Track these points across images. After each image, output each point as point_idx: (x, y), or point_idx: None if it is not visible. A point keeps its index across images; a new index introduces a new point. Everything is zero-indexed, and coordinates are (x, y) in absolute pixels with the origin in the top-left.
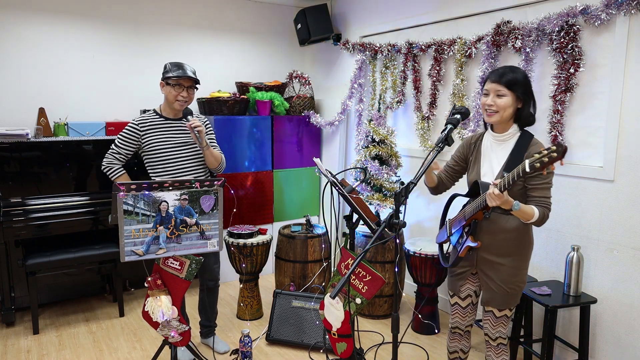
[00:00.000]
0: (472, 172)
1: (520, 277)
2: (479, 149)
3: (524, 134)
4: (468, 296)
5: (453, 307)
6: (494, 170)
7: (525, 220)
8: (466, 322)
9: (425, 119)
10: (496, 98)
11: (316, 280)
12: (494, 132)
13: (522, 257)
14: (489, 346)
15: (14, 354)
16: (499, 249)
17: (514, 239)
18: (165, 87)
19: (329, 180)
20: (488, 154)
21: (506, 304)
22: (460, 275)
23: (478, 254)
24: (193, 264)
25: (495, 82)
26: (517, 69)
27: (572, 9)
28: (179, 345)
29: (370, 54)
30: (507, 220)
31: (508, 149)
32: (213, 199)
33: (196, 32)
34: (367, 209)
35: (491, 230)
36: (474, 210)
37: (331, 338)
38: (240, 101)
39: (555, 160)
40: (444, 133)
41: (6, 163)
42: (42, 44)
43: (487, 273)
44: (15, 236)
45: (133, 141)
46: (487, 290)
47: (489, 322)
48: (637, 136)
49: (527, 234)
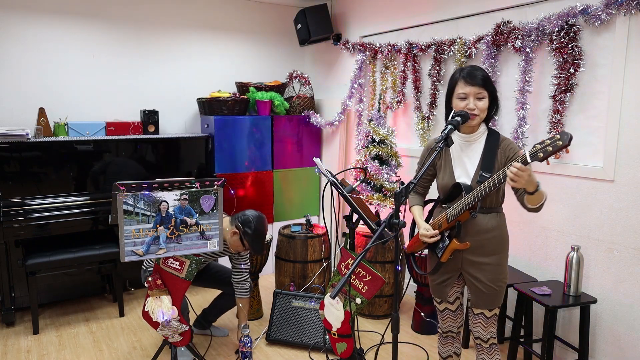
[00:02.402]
0: (444, 176)
1: (505, 273)
2: (447, 152)
3: (491, 132)
4: (456, 299)
5: (443, 312)
6: (469, 171)
7: (535, 204)
8: (457, 324)
9: (425, 119)
10: (477, 101)
11: (316, 280)
12: (461, 134)
13: (504, 254)
14: (481, 349)
15: (14, 354)
16: (483, 249)
17: (496, 237)
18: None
19: (329, 180)
20: (458, 156)
21: (495, 303)
22: (446, 282)
23: (463, 256)
24: (193, 264)
25: (475, 85)
26: (480, 67)
27: (572, 9)
28: (179, 345)
29: (370, 54)
30: (487, 219)
31: (479, 149)
32: (213, 199)
33: (196, 32)
34: (367, 209)
35: (475, 231)
36: (459, 212)
37: (331, 338)
38: (240, 101)
39: (560, 148)
40: (444, 133)
41: (6, 163)
42: (42, 44)
43: (474, 275)
44: (15, 236)
45: None
46: (475, 292)
47: (480, 324)
48: (637, 136)
49: (505, 231)
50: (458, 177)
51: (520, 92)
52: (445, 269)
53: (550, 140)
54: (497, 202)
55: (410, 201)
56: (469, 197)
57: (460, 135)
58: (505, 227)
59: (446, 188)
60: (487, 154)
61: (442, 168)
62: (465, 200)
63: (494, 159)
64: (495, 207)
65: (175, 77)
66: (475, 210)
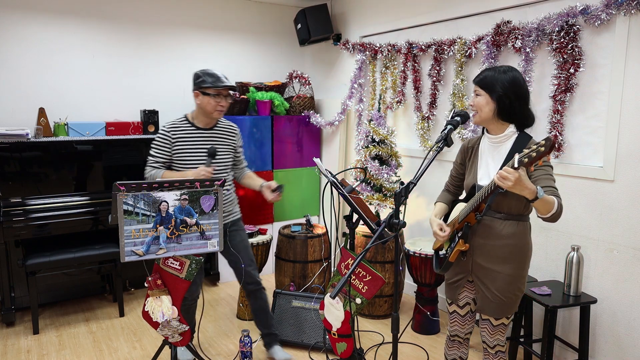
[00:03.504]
0: (469, 176)
1: (518, 285)
2: (476, 153)
3: (522, 135)
4: (467, 304)
5: (451, 315)
6: (491, 173)
7: (545, 213)
8: (465, 329)
9: (425, 119)
10: (475, 97)
11: (316, 280)
12: (489, 135)
13: (520, 265)
14: (487, 354)
15: (14, 354)
16: (494, 256)
17: (510, 245)
18: (200, 96)
19: (329, 180)
20: (485, 158)
21: (502, 313)
22: (457, 283)
23: (473, 260)
24: (193, 264)
25: (474, 82)
26: (507, 71)
27: (572, 9)
28: (179, 345)
29: (370, 54)
30: (503, 225)
31: (504, 152)
32: (213, 199)
33: (196, 32)
34: (367, 209)
35: (486, 236)
36: (466, 213)
37: (331, 338)
38: (240, 101)
39: (542, 155)
40: (444, 133)
41: (6, 163)
42: (42, 44)
43: (483, 281)
44: (15, 236)
45: (166, 147)
46: (482, 298)
47: (487, 330)
48: (637, 136)
49: (525, 240)
50: (480, 178)
51: None
52: (456, 269)
53: (535, 146)
54: (518, 209)
55: (438, 198)
56: (473, 199)
57: (488, 137)
58: (527, 237)
59: (467, 188)
60: (511, 157)
61: (469, 168)
62: (471, 201)
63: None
64: (516, 214)
65: (175, 77)
66: (480, 212)
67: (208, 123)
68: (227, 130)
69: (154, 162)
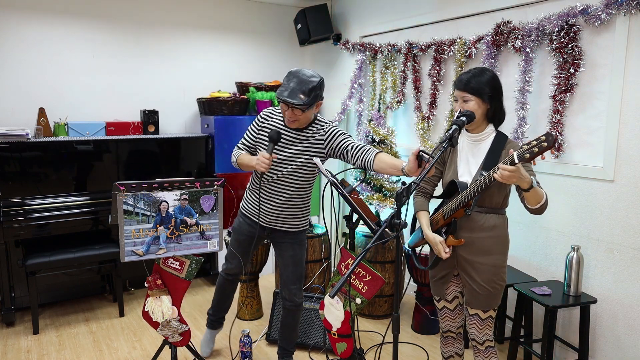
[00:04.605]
0: (448, 172)
1: (501, 275)
2: (455, 151)
3: (499, 134)
4: (455, 298)
5: (442, 311)
6: (471, 170)
7: (534, 204)
8: (457, 324)
9: (425, 119)
10: (463, 104)
11: (316, 280)
12: (469, 133)
13: (502, 256)
14: (477, 351)
15: (14, 354)
16: (479, 248)
17: (494, 237)
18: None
19: (329, 180)
20: (464, 155)
21: (490, 304)
22: (443, 279)
23: (458, 254)
24: (193, 264)
25: (460, 89)
26: (484, 72)
27: (572, 9)
28: (179, 345)
29: (370, 54)
30: (485, 218)
31: (484, 150)
32: (213, 199)
33: (196, 32)
34: (367, 209)
35: (470, 229)
36: (455, 209)
37: (331, 338)
38: (240, 101)
39: (545, 149)
40: (449, 133)
41: (6, 163)
42: (42, 44)
43: (469, 273)
44: (15, 236)
45: (253, 132)
46: (470, 292)
47: (475, 326)
48: (637, 136)
49: (505, 232)
50: (461, 175)
51: (520, 92)
52: (442, 265)
53: (536, 142)
54: (498, 203)
55: (417, 205)
56: (463, 195)
57: (467, 135)
58: (506, 229)
59: (445, 184)
60: (491, 154)
61: (449, 166)
62: (460, 197)
63: (497, 160)
64: (497, 208)
65: (175, 77)
66: (469, 208)
67: (291, 124)
68: (313, 133)
69: (241, 144)
